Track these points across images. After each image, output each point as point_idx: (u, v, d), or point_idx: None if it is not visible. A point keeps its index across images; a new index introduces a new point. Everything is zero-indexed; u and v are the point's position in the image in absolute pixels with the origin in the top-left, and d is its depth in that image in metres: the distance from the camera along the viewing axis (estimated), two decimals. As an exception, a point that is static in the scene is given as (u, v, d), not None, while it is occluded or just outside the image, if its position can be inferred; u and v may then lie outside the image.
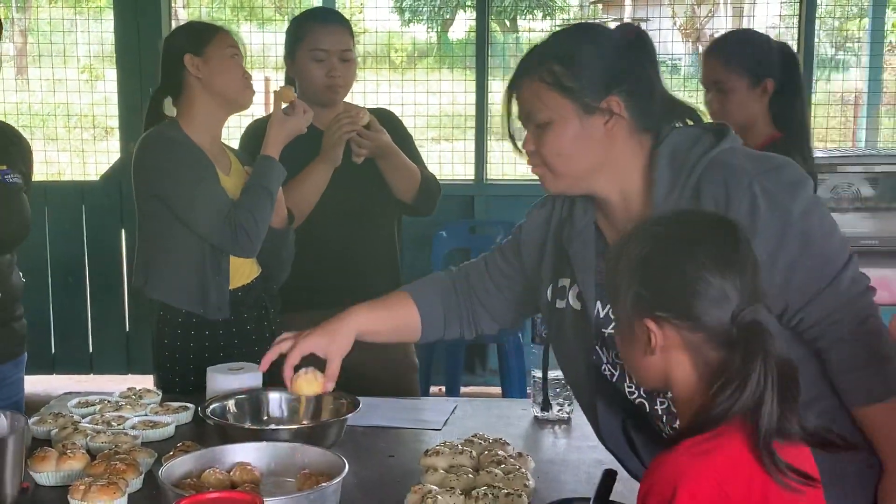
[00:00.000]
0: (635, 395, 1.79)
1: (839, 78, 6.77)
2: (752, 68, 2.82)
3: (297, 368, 1.95)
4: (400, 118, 3.13)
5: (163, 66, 2.65)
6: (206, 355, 2.55)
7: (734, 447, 1.26)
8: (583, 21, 4.99)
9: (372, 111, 2.94)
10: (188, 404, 2.34)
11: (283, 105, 2.66)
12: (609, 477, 1.79)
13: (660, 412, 1.77)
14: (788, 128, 2.85)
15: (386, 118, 3.02)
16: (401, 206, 2.98)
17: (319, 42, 2.86)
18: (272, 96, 2.92)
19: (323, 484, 1.76)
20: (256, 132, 2.75)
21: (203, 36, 2.60)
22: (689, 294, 1.31)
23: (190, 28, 2.76)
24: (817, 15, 5.33)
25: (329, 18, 2.99)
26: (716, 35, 3.22)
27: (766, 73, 2.82)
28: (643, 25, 10.83)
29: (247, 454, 1.92)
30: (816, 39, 5.32)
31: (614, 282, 1.40)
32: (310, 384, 1.94)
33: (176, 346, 2.59)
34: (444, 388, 4.75)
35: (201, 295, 2.56)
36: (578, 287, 1.81)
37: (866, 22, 5.82)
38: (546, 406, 2.36)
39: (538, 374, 2.36)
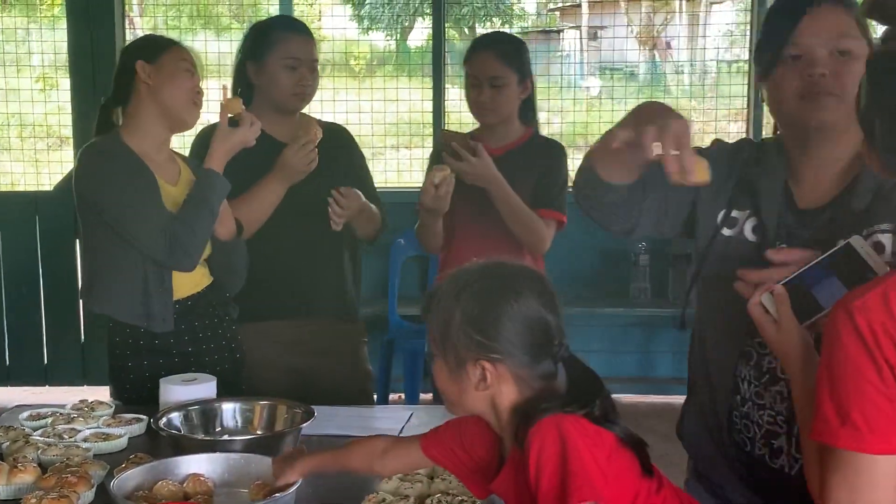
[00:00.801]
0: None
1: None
2: (521, 67, 2.97)
3: None
4: (355, 135, 3.14)
5: (116, 74, 2.63)
6: (160, 364, 2.52)
7: None
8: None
9: (327, 126, 2.94)
10: (141, 416, 2.32)
11: (230, 116, 2.63)
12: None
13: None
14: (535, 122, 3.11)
15: (340, 135, 3.04)
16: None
17: (293, 51, 2.86)
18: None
19: (276, 494, 1.76)
20: (206, 140, 2.74)
21: (159, 45, 2.59)
22: (522, 336, 1.49)
23: (147, 38, 2.74)
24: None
25: (301, 28, 2.98)
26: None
27: (528, 73, 3.00)
28: (599, 33, 10.93)
29: (200, 465, 1.91)
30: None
31: (444, 329, 1.53)
32: None
33: (128, 357, 2.56)
34: (402, 396, 4.75)
35: (144, 308, 2.52)
36: (759, 220, 1.82)
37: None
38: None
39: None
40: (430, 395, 4.81)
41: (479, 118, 3.01)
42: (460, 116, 5.22)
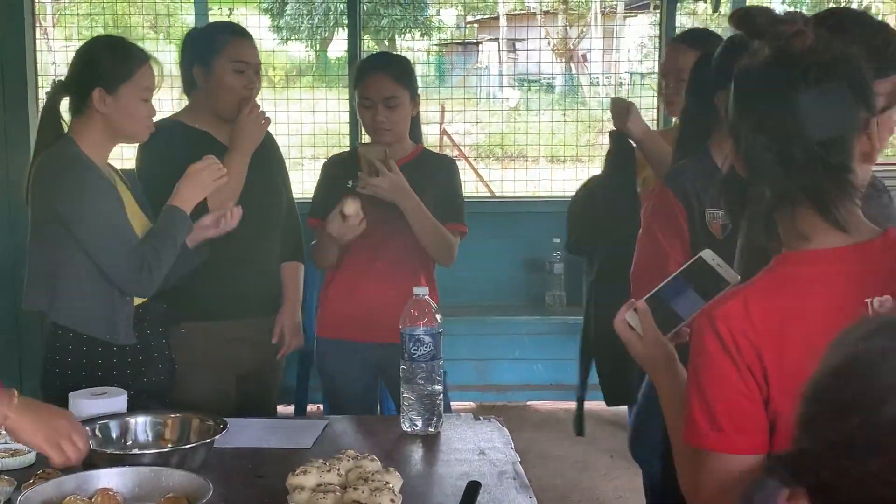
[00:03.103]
0: None
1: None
2: (411, 86, 3.04)
3: None
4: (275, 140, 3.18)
5: (74, 74, 2.55)
6: (113, 375, 2.49)
7: None
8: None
9: None
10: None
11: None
12: (473, 488, 1.83)
13: None
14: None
15: (268, 137, 3.05)
16: None
17: (242, 54, 2.89)
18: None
19: (188, 507, 1.75)
20: (159, 139, 2.73)
21: (123, 69, 2.50)
22: None
23: (112, 51, 2.57)
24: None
25: (244, 32, 3.01)
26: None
27: (417, 91, 3.08)
28: (517, 45, 11.02)
29: (109, 479, 1.89)
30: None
31: None
32: None
33: (68, 367, 2.50)
34: (321, 407, 4.73)
35: (110, 321, 2.50)
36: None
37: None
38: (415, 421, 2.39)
39: (407, 390, 2.39)
40: (317, 406, 4.79)
41: (376, 138, 3.01)
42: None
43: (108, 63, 2.52)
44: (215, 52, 2.86)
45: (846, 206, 1.38)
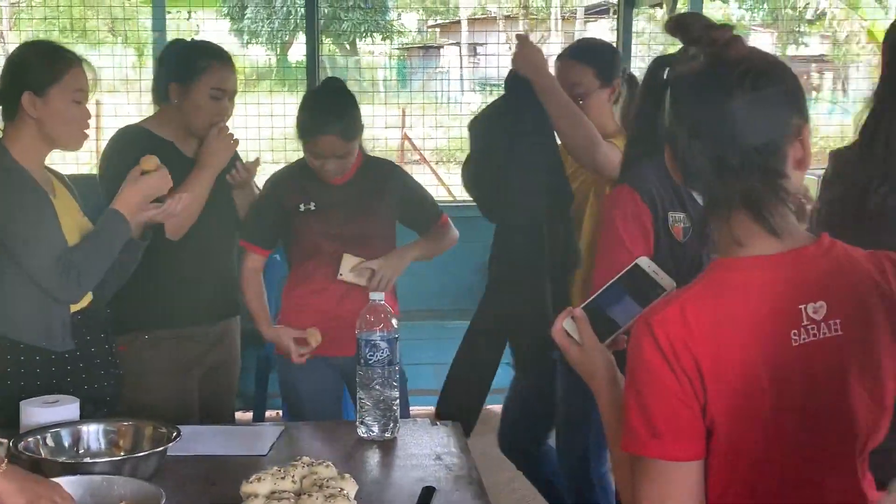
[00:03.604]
0: None
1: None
2: (361, 130, 2.98)
3: None
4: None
5: (3, 80, 2.51)
6: (37, 386, 2.44)
7: None
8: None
9: None
10: (1, 439, 2.25)
11: (143, 171, 2.57)
12: (427, 493, 1.83)
13: None
14: None
15: None
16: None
17: (223, 82, 2.89)
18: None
19: (140, 515, 1.74)
20: (123, 145, 2.76)
21: (52, 71, 2.46)
22: None
23: (40, 54, 2.53)
24: (640, 41, 5.58)
25: (227, 58, 2.98)
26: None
27: (363, 126, 3.01)
28: (478, 49, 11.03)
29: (61, 489, 1.87)
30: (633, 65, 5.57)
31: None
32: None
33: (7, 377, 2.45)
34: (280, 413, 4.71)
35: (46, 328, 2.46)
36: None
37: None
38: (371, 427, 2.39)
39: (364, 395, 2.39)
40: (276, 412, 4.77)
41: (321, 178, 2.97)
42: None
43: (36, 66, 2.48)
44: (195, 74, 2.85)
45: (780, 211, 1.40)
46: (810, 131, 1.42)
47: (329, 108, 2.91)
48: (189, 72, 2.86)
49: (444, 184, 7.67)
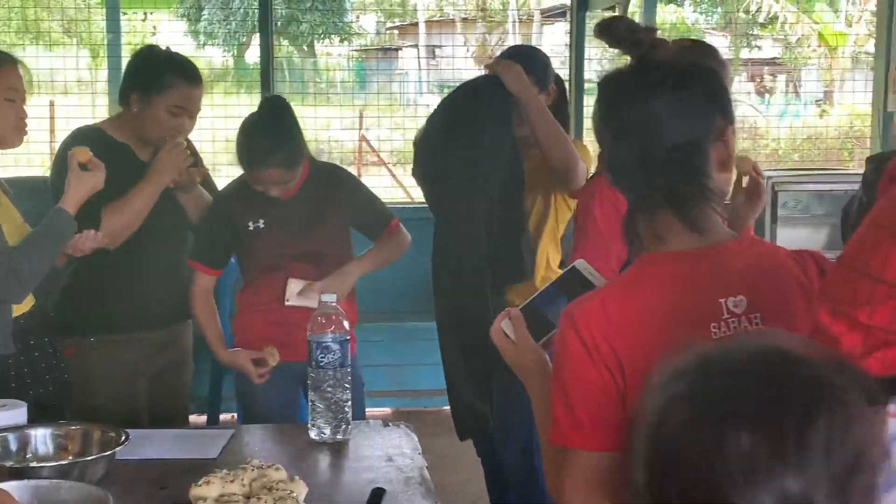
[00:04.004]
0: None
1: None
2: (304, 152, 2.93)
3: None
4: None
5: None
6: None
7: None
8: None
9: None
10: (-53, 445, 2.23)
11: (79, 161, 2.57)
12: (376, 494, 1.84)
13: None
14: None
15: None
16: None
17: (186, 101, 2.85)
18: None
19: (87, 520, 1.73)
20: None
21: None
22: None
23: None
24: (594, 45, 5.62)
25: (197, 78, 2.93)
26: None
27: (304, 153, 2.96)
28: (437, 52, 11.04)
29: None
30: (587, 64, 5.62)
31: None
32: None
33: None
34: (235, 416, 4.69)
35: None
36: None
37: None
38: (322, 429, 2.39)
39: (315, 397, 2.39)
40: (231, 416, 4.75)
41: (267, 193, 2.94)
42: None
43: None
44: (159, 89, 2.81)
45: (702, 209, 1.43)
46: (734, 132, 1.45)
47: (270, 138, 2.84)
48: (153, 85, 2.82)
49: (402, 185, 7.67)
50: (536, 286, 2.90)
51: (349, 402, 2.41)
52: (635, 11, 6.02)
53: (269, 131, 2.86)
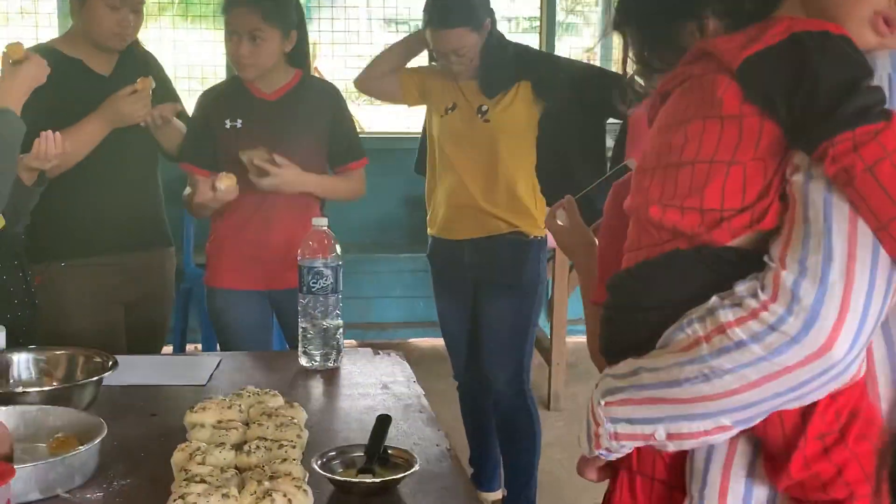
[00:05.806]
0: None
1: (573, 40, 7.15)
2: (284, 21, 2.82)
3: None
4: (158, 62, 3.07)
5: None
6: None
7: None
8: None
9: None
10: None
11: (12, 61, 2.42)
12: (383, 422, 1.78)
13: None
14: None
15: (151, 61, 2.98)
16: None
17: None
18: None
19: (80, 447, 1.64)
20: None
21: None
22: None
23: None
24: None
25: None
26: None
27: (293, 24, 2.86)
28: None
29: (-8, 419, 1.75)
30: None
31: None
32: None
33: None
34: (199, 347, 4.60)
35: None
36: None
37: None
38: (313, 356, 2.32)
39: (306, 324, 2.31)
40: (195, 346, 4.66)
41: (238, 71, 2.87)
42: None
43: None
44: None
45: None
46: None
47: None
48: None
49: (355, 118, 7.55)
50: None
51: (341, 330, 2.34)
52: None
53: None
